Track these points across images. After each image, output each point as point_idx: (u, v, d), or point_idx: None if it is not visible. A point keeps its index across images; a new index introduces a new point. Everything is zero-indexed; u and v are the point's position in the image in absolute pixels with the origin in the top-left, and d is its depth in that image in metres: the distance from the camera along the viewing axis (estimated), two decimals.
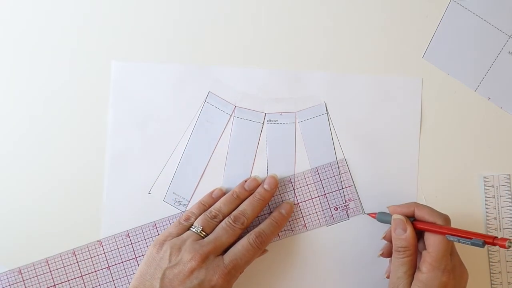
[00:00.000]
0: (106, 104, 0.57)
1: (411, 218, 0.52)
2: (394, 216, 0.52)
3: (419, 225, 0.51)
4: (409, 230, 0.50)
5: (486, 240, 0.47)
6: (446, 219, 0.51)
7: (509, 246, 0.45)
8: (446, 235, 0.49)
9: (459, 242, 0.48)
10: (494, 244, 0.46)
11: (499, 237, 0.46)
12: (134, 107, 0.57)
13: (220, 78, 0.57)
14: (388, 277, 0.54)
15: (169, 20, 0.57)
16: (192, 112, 0.57)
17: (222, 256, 0.51)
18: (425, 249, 0.50)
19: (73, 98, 0.57)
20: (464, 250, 0.55)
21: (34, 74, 0.57)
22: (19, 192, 0.57)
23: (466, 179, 0.57)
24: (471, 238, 0.48)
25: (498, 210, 0.57)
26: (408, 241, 0.50)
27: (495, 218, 0.57)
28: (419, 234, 0.52)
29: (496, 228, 0.56)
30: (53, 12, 0.57)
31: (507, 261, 0.56)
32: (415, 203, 0.52)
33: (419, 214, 0.51)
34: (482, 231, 0.57)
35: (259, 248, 0.52)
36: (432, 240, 0.49)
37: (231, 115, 0.57)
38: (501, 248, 0.56)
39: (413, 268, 0.50)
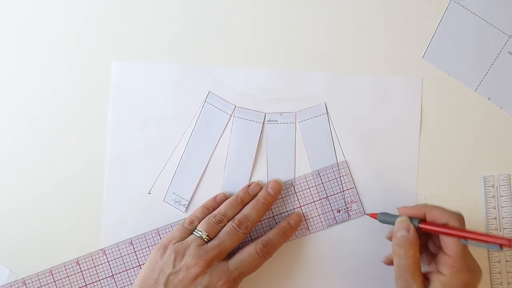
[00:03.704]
0: (106, 104, 0.57)
1: (416, 221, 0.50)
2: (399, 218, 0.51)
3: (430, 226, 0.49)
4: (412, 229, 0.50)
5: (502, 243, 0.46)
6: (460, 219, 0.49)
7: None
8: (460, 240, 0.47)
9: (474, 245, 0.47)
10: (511, 247, 0.45)
11: None
12: (134, 107, 0.57)
13: (220, 78, 0.57)
14: (385, 262, 0.53)
15: (169, 20, 0.57)
16: (192, 112, 0.57)
17: (226, 262, 0.51)
18: (440, 250, 0.49)
19: (73, 98, 0.57)
20: None
21: (34, 74, 0.57)
22: (19, 192, 0.57)
23: (466, 179, 0.57)
24: (487, 242, 0.46)
25: (498, 210, 0.57)
26: (410, 240, 0.49)
27: (495, 218, 0.57)
28: (428, 236, 0.52)
29: (496, 228, 0.56)
30: (53, 12, 0.57)
31: (507, 261, 0.56)
32: (426, 205, 0.51)
33: (430, 216, 0.50)
34: (482, 231, 0.57)
35: (265, 257, 0.52)
36: (449, 242, 0.48)
37: (231, 115, 0.57)
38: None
39: (420, 270, 0.49)
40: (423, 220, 0.50)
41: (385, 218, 0.53)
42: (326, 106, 0.57)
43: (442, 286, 0.47)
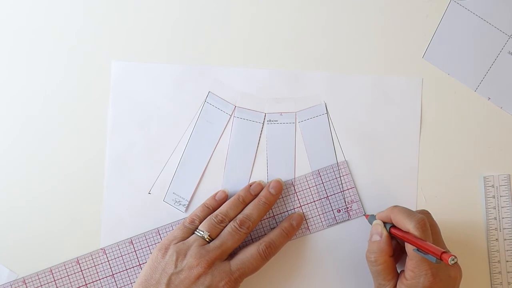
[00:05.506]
0: (106, 104, 0.57)
1: (388, 225, 0.51)
2: (374, 222, 0.52)
3: (394, 231, 0.50)
4: (384, 235, 0.50)
5: (436, 255, 0.44)
6: (417, 224, 0.48)
7: (452, 263, 0.42)
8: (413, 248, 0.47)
9: (420, 254, 0.46)
10: (441, 259, 0.43)
11: (448, 253, 0.43)
12: (134, 107, 0.57)
13: (220, 78, 0.57)
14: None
15: (169, 20, 0.57)
16: (192, 112, 0.57)
17: (228, 262, 0.51)
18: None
19: (73, 98, 0.57)
20: (463, 249, 0.55)
21: (33, 73, 0.57)
22: (19, 192, 0.57)
23: (466, 179, 0.57)
24: (426, 253, 0.45)
25: (498, 210, 0.57)
26: (380, 247, 0.50)
27: (495, 218, 0.57)
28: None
29: (496, 228, 0.56)
30: (53, 12, 0.57)
31: (507, 261, 0.56)
32: (393, 207, 0.51)
33: (394, 221, 0.50)
34: (482, 231, 0.57)
35: (267, 258, 0.52)
36: (410, 247, 0.48)
37: (231, 115, 0.57)
38: (501, 248, 0.56)
39: (393, 272, 0.50)
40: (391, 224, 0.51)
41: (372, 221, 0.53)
42: (326, 106, 0.57)
43: None
